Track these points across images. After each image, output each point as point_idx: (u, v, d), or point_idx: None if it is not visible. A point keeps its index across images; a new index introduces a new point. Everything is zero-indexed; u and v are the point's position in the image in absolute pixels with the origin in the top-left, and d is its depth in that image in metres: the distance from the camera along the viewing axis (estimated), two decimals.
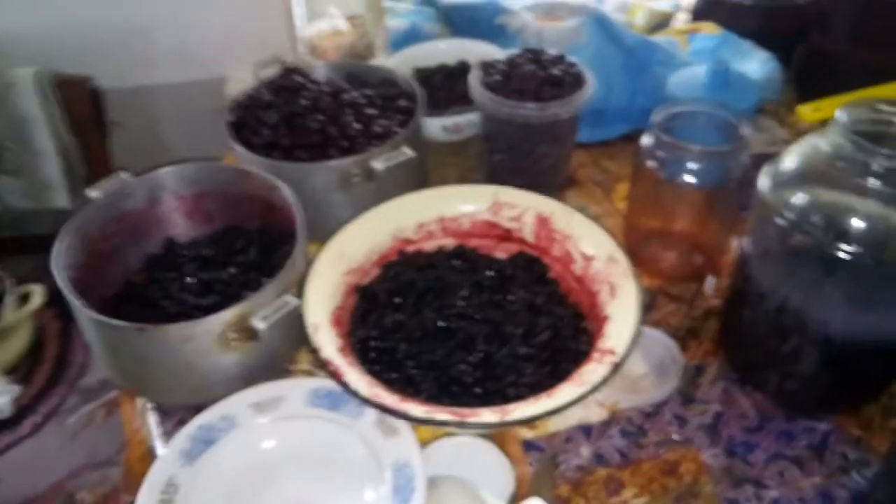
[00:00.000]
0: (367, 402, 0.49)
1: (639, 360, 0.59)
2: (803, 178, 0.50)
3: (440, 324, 0.57)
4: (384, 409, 0.48)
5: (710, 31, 0.88)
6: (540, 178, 0.75)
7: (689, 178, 0.62)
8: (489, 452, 0.52)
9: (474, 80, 0.72)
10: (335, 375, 0.50)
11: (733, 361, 0.59)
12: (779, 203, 0.50)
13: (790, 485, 0.51)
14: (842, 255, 0.47)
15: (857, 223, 0.48)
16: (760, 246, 0.53)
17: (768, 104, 0.85)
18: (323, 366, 0.50)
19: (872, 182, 0.47)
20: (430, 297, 0.59)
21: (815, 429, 0.55)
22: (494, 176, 0.76)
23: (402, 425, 0.52)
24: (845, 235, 0.48)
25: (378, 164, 0.64)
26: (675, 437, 0.54)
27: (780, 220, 0.49)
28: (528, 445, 0.55)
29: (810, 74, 0.88)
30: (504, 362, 0.55)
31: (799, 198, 0.49)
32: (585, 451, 0.54)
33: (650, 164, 0.62)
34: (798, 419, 0.55)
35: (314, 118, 0.69)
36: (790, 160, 0.51)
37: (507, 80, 0.71)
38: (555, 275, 0.63)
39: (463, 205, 0.65)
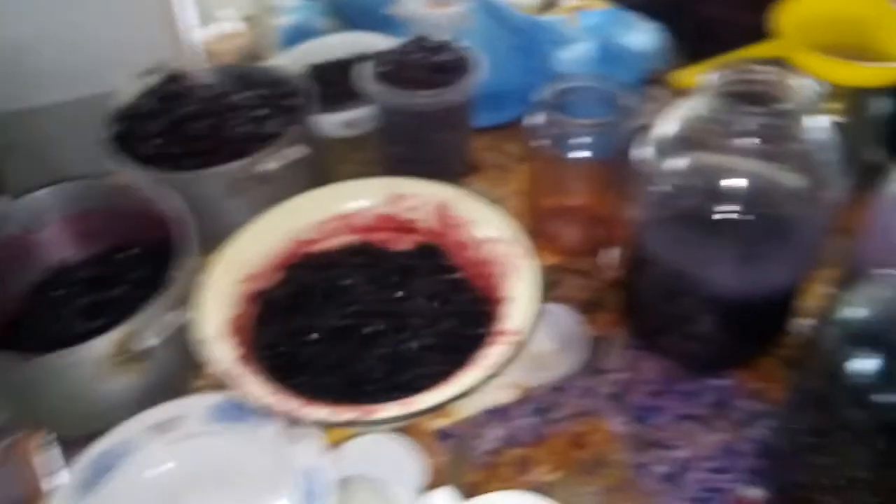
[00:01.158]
0: (267, 410, 0.47)
1: (546, 337, 0.60)
2: (679, 143, 0.51)
3: (343, 322, 0.56)
4: (286, 416, 0.47)
5: (597, 6, 0.89)
6: (440, 166, 0.74)
7: (579, 153, 0.62)
8: (401, 447, 0.52)
9: (364, 72, 0.71)
10: (232, 387, 0.49)
11: (636, 329, 0.60)
12: (657, 170, 0.51)
13: (696, 443, 0.52)
14: (722, 215, 0.48)
15: (734, 183, 0.49)
16: (645, 213, 0.54)
17: (660, 73, 0.86)
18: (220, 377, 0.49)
19: (746, 141, 0.48)
20: (332, 297, 0.58)
21: (717, 386, 0.56)
22: (394, 168, 0.75)
23: (309, 430, 0.51)
24: (724, 196, 0.49)
25: (269, 166, 0.63)
26: (583, 408, 0.55)
27: (659, 187, 0.50)
28: (442, 434, 0.54)
29: (698, 41, 0.90)
30: (409, 355, 0.54)
31: (676, 163, 0.50)
32: (498, 433, 0.54)
33: (540, 142, 0.63)
34: (701, 379, 0.57)
35: (201, 124, 0.66)
36: (666, 127, 0.52)
37: (396, 69, 0.70)
38: (458, 261, 0.63)
39: (360, 200, 0.65)
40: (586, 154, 0.62)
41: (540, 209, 0.69)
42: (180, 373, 0.57)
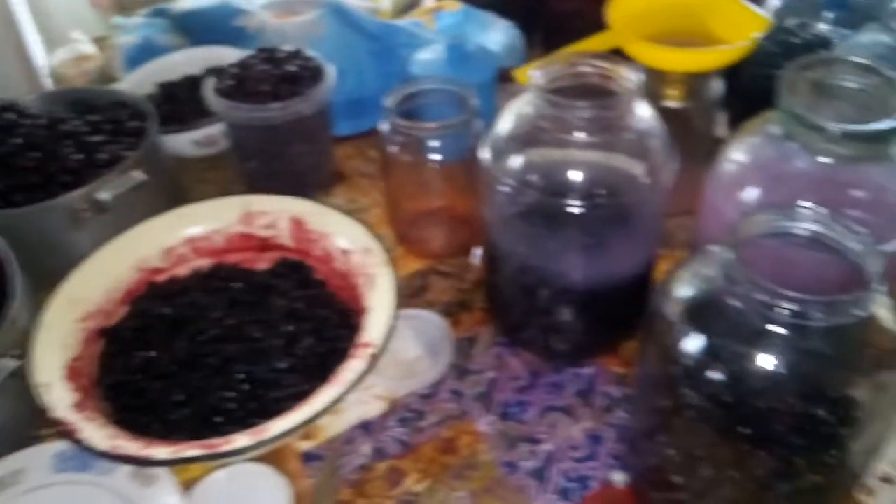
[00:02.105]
0: (106, 456, 0.44)
1: (412, 344, 0.59)
2: (517, 141, 0.51)
3: (193, 352, 0.53)
4: (127, 460, 0.44)
5: (452, 7, 0.89)
6: (301, 178, 0.72)
7: (433, 156, 0.62)
8: (263, 476, 0.50)
9: (208, 88, 0.68)
10: (69, 434, 0.45)
11: (500, 326, 0.60)
12: (499, 169, 0.51)
13: (562, 434, 0.53)
14: (563, 208, 0.49)
15: (571, 175, 0.50)
16: (493, 212, 0.54)
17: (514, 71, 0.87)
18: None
19: (578, 134, 0.49)
20: (181, 327, 0.55)
21: (581, 375, 0.57)
22: (254, 185, 0.72)
23: (160, 471, 0.48)
24: (563, 189, 0.49)
25: (105, 194, 0.59)
26: (450, 412, 0.55)
27: (502, 186, 0.50)
28: (309, 457, 0.53)
29: (551, 36, 0.91)
30: (267, 379, 0.52)
31: (514, 161, 0.50)
32: (366, 448, 0.53)
33: (392, 148, 0.62)
34: (565, 370, 0.57)
35: (29, 156, 0.62)
36: (503, 125, 0.52)
37: (240, 83, 0.68)
38: (320, 276, 0.61)
39: (211, 221, 0.62)
40: (438, 157, 0.62)
41: (402, 214, 0.68)
42: (18, 422, 0.52)
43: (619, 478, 0.50)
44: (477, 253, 0.67)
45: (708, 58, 0.61)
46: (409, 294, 0.64)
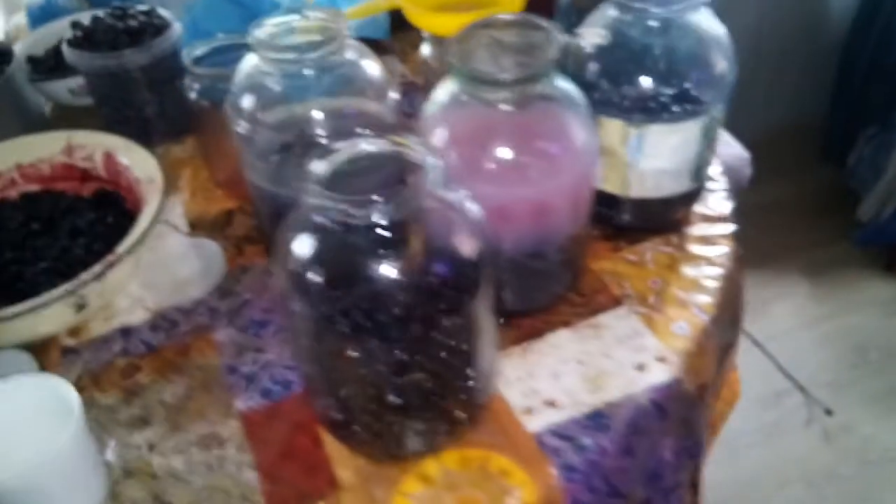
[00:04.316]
0: None
1: (187, 265, 0.66)
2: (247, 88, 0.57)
3: None
4: None
5: None
6: (148, 126, 0.80)
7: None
8: (21, 362, 0.57)
9: (63, 39, 0.77)
10: None
11: (266, 252, 0.66)
12: (234, 112, 0.57)
13: (285, 348, 0.59)
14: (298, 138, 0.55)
15: (311, 114, 0.56)
16: (244, 154, 0.60)
17: (391, 42, 0.93)
18: None
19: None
20: None
21: None
22: (113, 129, 0.80)
23: None
24: (299, 125, 0.55)
25: None
26: (200, 324, 0.61)
27: (239, 128, 0.57)
28: (66, 351, 0.60)
29: None
30: (25, 278, 0.60)
31: (246, 102, 0.57)
32: (116, 348, 0.60)
33: (192, 94, 0.69)
34: None
35: None
36: (239, 73, 0.58)
37: (87, 35, 0.76)
38: (130, 205, 0.69)
39: (38, 151, 0.70)
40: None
41: (213, 158, 0.75)
42: None
43: None
44: None
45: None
46: (212, 227, 0.71)
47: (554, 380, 0.54)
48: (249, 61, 0.57)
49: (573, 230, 0.56)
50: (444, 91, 0.52)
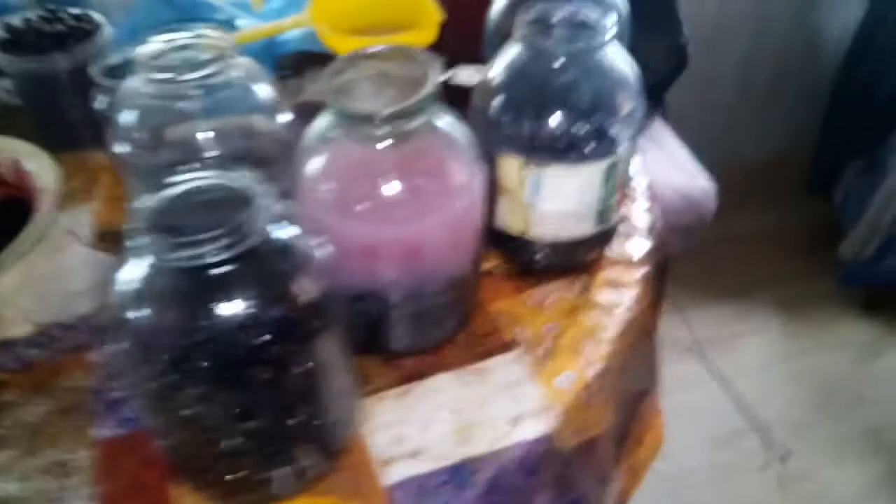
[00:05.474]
0: None
1: (81, 277, 0.64)
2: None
3: None
4: None
5: None
6: (74, 131, 0.79)
7: None
8: None
9: None
10: None
11: None
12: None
13: None
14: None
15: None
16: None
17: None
18: None
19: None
20: None
21: None
22: (38, 132, 0.79)
23: None
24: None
25: None
26: (81, 343, 0.59)
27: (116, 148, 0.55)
28: None
29: None
30: None
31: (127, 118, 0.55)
32: None
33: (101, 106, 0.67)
34: None
35: None
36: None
37: (15, 37, 0.75)
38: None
39: None
40: None
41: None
42: None
43: None
44: None
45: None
46: (121, 240, 0.69)
47: (424, 428, 0.52)
48: (133, 79, 0.55)
49: (455, 272, 0.53)
50: (321, 121, 0.50)
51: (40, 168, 0.66)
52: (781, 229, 1.68)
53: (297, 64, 0.85)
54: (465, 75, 0.55)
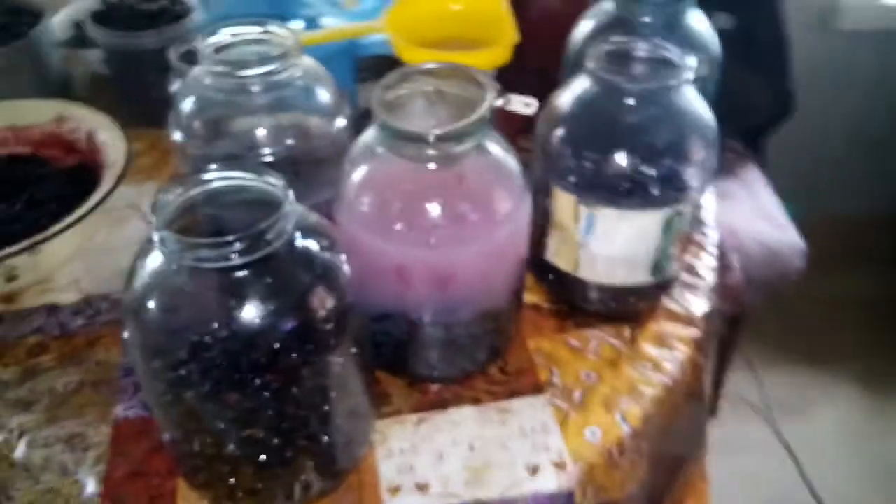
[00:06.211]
0: None
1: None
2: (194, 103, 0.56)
3: None
4: None
5: None
6: (157, 108, 0.81)
7: None
8: None
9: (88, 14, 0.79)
10: None
11: None
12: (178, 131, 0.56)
13: None
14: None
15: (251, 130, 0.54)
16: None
17: None
18: None
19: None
20: None
21: None
22: (123, 106, 0.82)
23: None
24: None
25: None
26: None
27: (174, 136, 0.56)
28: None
29: None
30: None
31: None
32: (38, 323, 0.60)
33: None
34: None
35: None
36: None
37: (110, 13, 0.78)
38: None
39: (32, 116, 0.72)
40: None
41: None
42: None
43: None
44: None
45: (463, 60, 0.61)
46: None
47: (437, 460, 0.50)
48: (198, 68, 0.55)
49: (491, 303, 0.51)
50: (369, 133, 0.48)
51: (112, 141, 0.68)
52: (873, 297, 1.56)
53: (377, 68, 0.84)
54: (520, 103, 0.53)
